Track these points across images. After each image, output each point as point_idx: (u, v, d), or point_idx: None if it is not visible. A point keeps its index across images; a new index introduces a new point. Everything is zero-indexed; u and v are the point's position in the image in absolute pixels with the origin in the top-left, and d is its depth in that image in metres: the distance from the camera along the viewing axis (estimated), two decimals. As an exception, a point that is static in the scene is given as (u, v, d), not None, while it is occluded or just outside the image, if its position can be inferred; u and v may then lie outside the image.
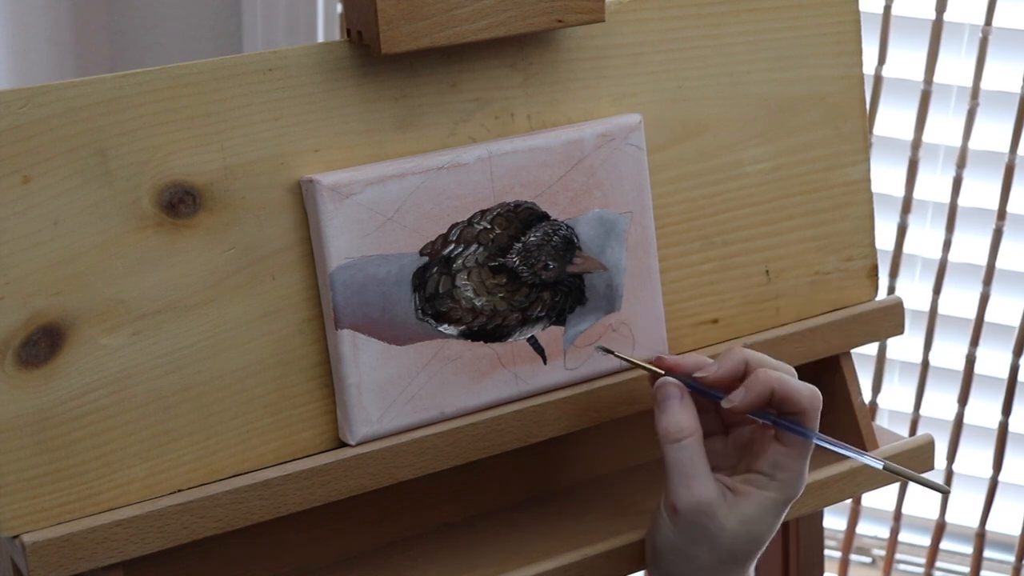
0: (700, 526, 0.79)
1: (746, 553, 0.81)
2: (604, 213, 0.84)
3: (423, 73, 0.80)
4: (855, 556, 1.81)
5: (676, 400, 0.80)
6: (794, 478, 0.81)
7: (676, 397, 0.80)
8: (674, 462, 0.79)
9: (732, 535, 0.80)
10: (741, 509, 0.80)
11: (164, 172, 0.74)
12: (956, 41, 1.62)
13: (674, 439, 0.79)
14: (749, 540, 0.80)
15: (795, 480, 0.81)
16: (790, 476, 0.80)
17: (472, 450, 0.82)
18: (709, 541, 0.80)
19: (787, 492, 0.81)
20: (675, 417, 0.80)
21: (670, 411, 0.80)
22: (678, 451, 0.79)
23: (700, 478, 0.79)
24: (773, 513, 0.81)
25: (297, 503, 0.78)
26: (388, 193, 0.78)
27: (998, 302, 1.64)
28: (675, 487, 0.79)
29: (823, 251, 0.94)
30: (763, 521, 0.80)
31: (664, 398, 0.80)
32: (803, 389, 0.79)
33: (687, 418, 0.80)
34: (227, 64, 0.75)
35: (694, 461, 0.79)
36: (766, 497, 0.80)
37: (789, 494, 0.81)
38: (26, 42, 1.68)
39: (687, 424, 0.79)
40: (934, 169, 1.67)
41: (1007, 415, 1.63)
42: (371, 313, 0.78)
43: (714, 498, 0.79)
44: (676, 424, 0.79)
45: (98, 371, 0.74)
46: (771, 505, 0.80)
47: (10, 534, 0.73)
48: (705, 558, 0.80)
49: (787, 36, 0.91)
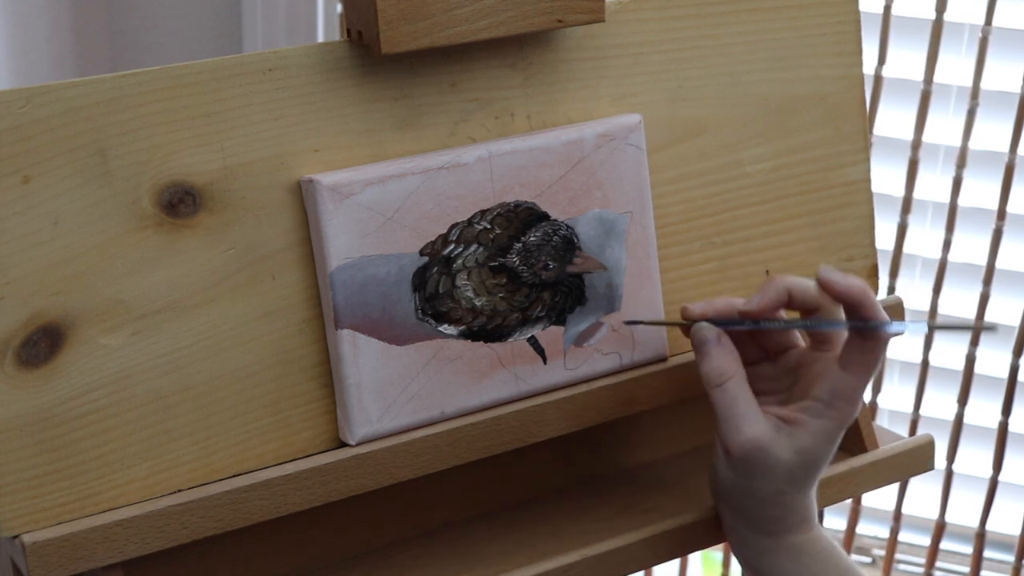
0: (756, 462, 0.80)
1: (805, 478, 0.82)
2: (604, 213, 0.84)
3: (423, 73, 0.80)
4: (855, 556, 1.81)
5: (713, 343, 0.81)
6: (851, 406, 0.81)
7: (713, 340, 0.81)
8: (720, 405, 0.80)
9: (789, 465, 0.80)
10: (797, 439, 0.80)
11: (164, 172, 0.74)
12: (956, 41, 1.62)
13: (717, 383, 0.80)
14: (807, 467, 0.81)
15: (851, 408, 0.81)
16: (847, 403, 0.81)
17: (472, 450, 0.82)
18: (767, 473, 0.80)
19: (843, 419, 0.81)
20: (715, 360, 0.80)
21: (709, 355, 0.80)
22: (722, 393, 0.80)
23: (748, 417, 0.80)
24: (828, 439, 0.81)
25: (297, 503, 0.78)
26: (388, 193, 0.78)
27: (998, 302, 1.64)
28: (725, 430, 0.80)
29: (823, 251, 0.94)
30: (820, 448, 0.81)
31: (701, 342, 0.81)
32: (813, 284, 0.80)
33: (727, 359, 0.80)
34: (227, 64, 0.75)
35: (739, 401, 0.80)
36: (821, 425, 0.80)
37: (843, 421, 0.81)
38: (26, 42, 1.68)
39: (728, 366, 0.80)
40: (934, 169, 1.67)
41: (1007, 415, 1.63)
42: (371, 313, 0.78)
43: (765, 434, 0.80)
44: (716, 367, 0.80)
45: (98, 371, 0.74)
46: (826, 433, 0.81)
47: (10, 534, 0.73)
48: (765, 489, 0.81)
49: (787, 36, 0.91)
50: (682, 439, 0.98)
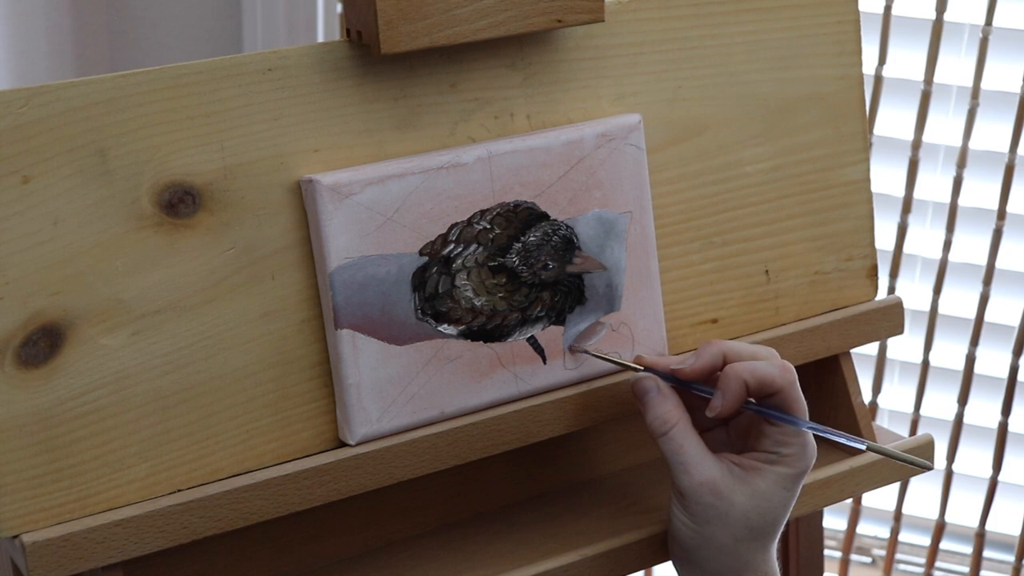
0: (709, 505, 0.80)
1: (762, 529, 0.81)
2: (604, 213, 0.84)
3: (423, 73, 0.80)
4: (855, 556, 1.81)
5: (654, 393, 0.82)
6: (798, 452, 0.81)
7: (653, 390, 0.82)
8: (668, 452, 0.81)
9: (743, 509, 0.80)
10: (751, 483, 0.81)
11: (164, 172, 0.74)
12: (956, 41, 1.62)
13: (661, 431, 0.81)
14: (763, 515, 0.81)
15: (801, 453, 0.81)
16: (794, 451, 0.81)
17: (472, 450, 0.82)
18: (721, 518, 0.80)
19: (797, 465, 0.81)
20: (657, 410, 0.81)
21: (651, 405, 0.81)
22: (668, 442, 0.81)
23: (696, 461, 0.80)
24: (784, 486, 0.81)
25: (297, 503, 0.78)
26: (388, 193, 0.78)
27: (998, 302, 1.64)
28: (676, 475, 0.81)
29: (823, 251, 0.94)
30: (775, 495, 0.81)
31: (643, 393, 0.82)
32: (771, 369, 0.81)
33: (669, 408, 0.81)
34: (227, 64, 0.75)
35: (685, 447, 0.80)
36: (775, 471, 0.81)
37: (799, 467, 0.81)
38: (26, 42, 1.68)
39: (670, 414, 0.81)
40: (934, 169, 1.67)
41: (1007, 415, 1.63)
42: (371, 313, 0.78)
43: (716, 476, 0.80)
44: (660, 417, 0.81)
45: (98, 371, 0.74)
46: (781, 479, 0.81)
47: (10, 534, 0.73)
48: (722, 537, 0.81)
49: (786, 36, 0.91)
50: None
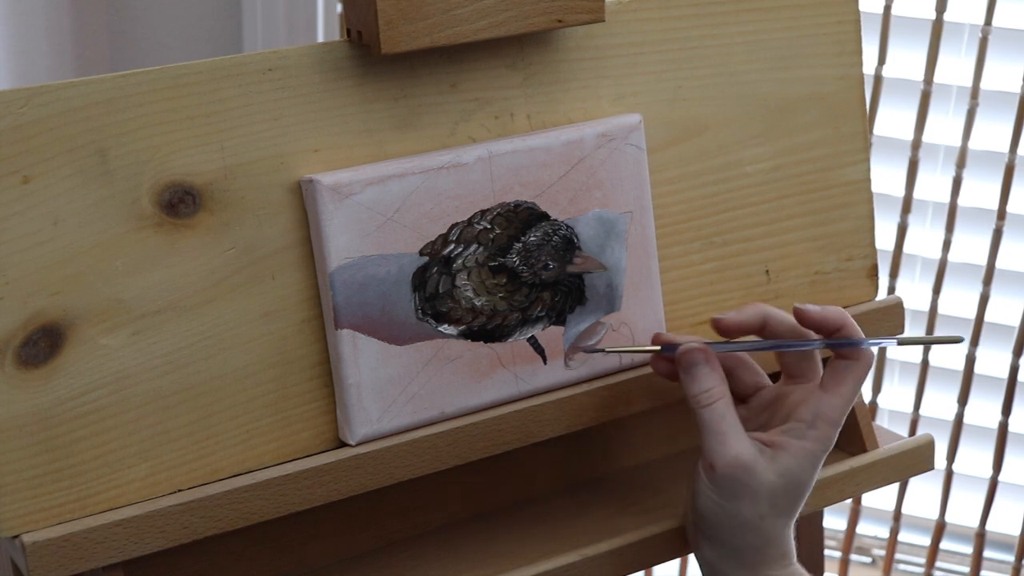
0: (739, 482, 0.81)
1: (786, 507, 0.82)
2: (604, 213, 0.84)
3: (423, 73, 0.80)
4: (855, 556, 1.81)
5: (703, 364, 0.82)
6: (833, 428, 0.82)
7: (702, 362, 0.82)
8: (708, 423, 0.81)
9: (771, 488, 0.81)
10: (780, 461, 0.81)
11: (164, 172, 0.74)
12: (956, 41, 1.62)
13: (707, 402, 0.81)
14: (788, 493, 0.82)
15: (833, 431, 0.82)
16: (830, 425, 0.82)
17: (472, 450, 0.82)
18: (749, 496, 0.81)
19: (825, 442, 0.82)
20: (706, 381, 0.82)
21: (699, 375, 0.82)
22: (711, 412, 0.81)
23: (735, 435, 0.81)
24: (811, 462, 0.82)
25: (297, 503, 0.78)
26: (388, 193, 0.78)
27: (998, 302, 1.64)
28: (711, 446, 0.81)
29: (823, 251, 0.94)
30: (803, 472, 0.82)
31: (691, 364, 0.82)
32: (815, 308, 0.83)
33: (716, 380, 0.82)
34: (227, 64, 0.75)
35: (727, 419, 0.81)
36: (803, 447, 0.82)
37: (826, 444, 0.82)
38: (26, 42, 1.68)
39: (716, 385, 0.81)
40: (934, 169, 1.67)
41: (1007, 415, 1.63)
42: (371, 313, 0.78)
43: (749, 452, 0.81)
44: (705, 386, 0.81)
45: (98, 371, 0.74)
46: (809, 454, 0.82)
47: (10, 534, 0.73)
48: (747, 513, 0.81)
49: (786, 36, 0.91)
50: (682, 439, 0.98)
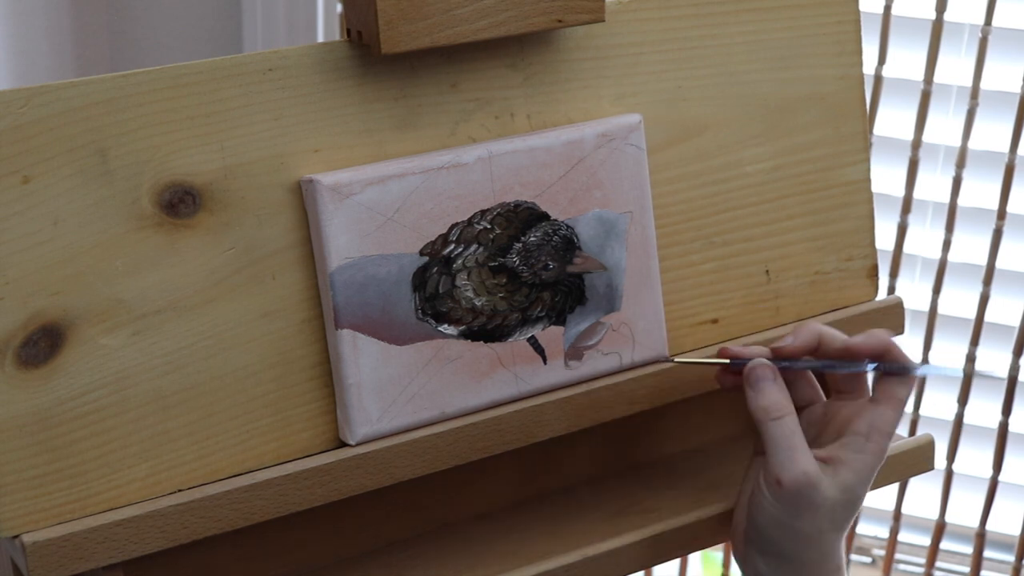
0: (804, 497, 0.81)
1: (844, 520, 0.83)
2: (604, 213, 0.84)
3: (423, 73, 0.80)
4: (855, 556, 1.81)
5: (771, 380, 0.83)
6: (886, 440, 0.83)
7: (770, 378, 0.83)
8: (777, 438, 0.82)
9: (833, 503, 0.82)
10: (840, 476, 0.82)
11: (164, 172, 0.74)
12: (956, 41, 1.62)
13: (776, 415, 0.82)
14: (848, 507, 0.83)
15: (887, 442, 0.83)
16: (884, 437, 0.83)
17: (472, 450, 0.82)
18: (813, 511, 0.82)
19: (881, 453, 0.83)
20: (774, 396, 0.83)
21: (767, 391, 0.83)
22: (780, 427, 0.82)
23: (803, 451, 0.82)
24: (868, 477, 0.83)
25: (297, 503, 0.78)
26: (388, 193, 0.78)
27: (998, 302, 1.64)
28: (780, 461, 0.82)
29: (823, 251, 0.94)
30: (860, 486, 0.83)
31: (758, 379, 0.83)
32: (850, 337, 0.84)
33: (783, 396, 0.83)
34: (227, 64, 0.75)
35: (796, 435, 0.82)
36: (862, 460, 0.83)
37: (881, 456, 0.83)
38: (26, 42, 1.68)
39: (784, 401, 0.83)
40: (934, 169, 1.67)
41: (1007, 415, 1.63)
42: (371, 313, 0.78)
43: (815, 469, 0.81)
44: (776, 401, 0.82)
45: (98, 371, 0.74)
46: (867, 468, 0.83)
47: (10, 534, 0.73)
48: (808, 529, 0.82)
49: (786, 36, 0.91)
50: (682, 439, 0.98)
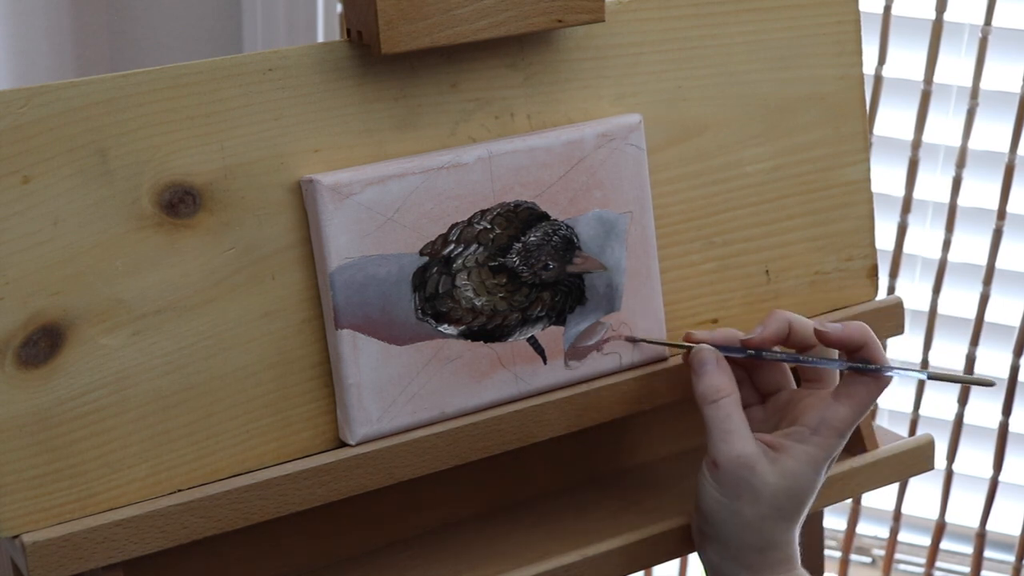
0: (742, 479, 0.81)
1: (790, 509, 0.83)
2: (604, 213, 0.84)
3: (423, 73, 0.80)
4: (855, 556, 1.81)
5: (712, 364, 0.83)
6: (837, 436, 0.83)
7: (712, 361, 0.83)
8: (713, 420, 0.82)
9: (774, 489, 0.82)
10: (782, 463, 0.82)
11: (164, 172, 0.74)
12: (956, 41, 1.62)
13: (713, 398, 0.82)
14: (791, 495, 0.82)
15: (838, 439, 0.83)
16: (833, 433, 0.83)
17: (472, 450, 0.82)
18: (752, 495, 0.82)
19: (826, 449, 0.83)
20: (712, 379, 0.83)
21: (708, 374, 0.83)
22: (717, 409, 0.82)
23: (739, 433, 0.82)
24: (812, 468, 0.83)
25: (297, 503, 0.78)
26: (388, 193, 0.78)
27: (998, 302, 1.64)
28: (715, 443, 0.82)
29: (823, 251, 0.94)
30: (804, 476, 0.82)
31: (701, 363, 0.83)
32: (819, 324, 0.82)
33: (723, 379, 0.83)
34: (227, 64, 0.75)
35: (732, 418, 0.82)
36: (804, 450, 0.82)
37: (828, 451, 0.83)
38: (26, 42, 1.68)
39: (723, 384, 0.83)
40: (934, 169, 1.67)
41: (1007, 415, 1.63)
42: (371, 313, 0.78)
43: (753, 451, 0.82)
44: (713, 384, 0.83)
45: (98, 371, 0.74)
46: (809, 458, 0.83)
47: (10, 534, 0.73)
48: (750, 513, 0.82)
49: (786, 36, 0.91)
50: (682, 439, 0.98)
